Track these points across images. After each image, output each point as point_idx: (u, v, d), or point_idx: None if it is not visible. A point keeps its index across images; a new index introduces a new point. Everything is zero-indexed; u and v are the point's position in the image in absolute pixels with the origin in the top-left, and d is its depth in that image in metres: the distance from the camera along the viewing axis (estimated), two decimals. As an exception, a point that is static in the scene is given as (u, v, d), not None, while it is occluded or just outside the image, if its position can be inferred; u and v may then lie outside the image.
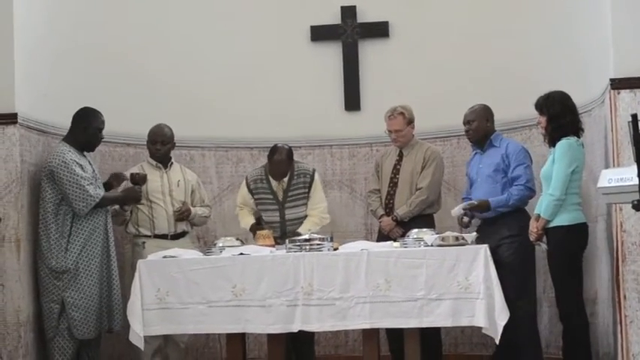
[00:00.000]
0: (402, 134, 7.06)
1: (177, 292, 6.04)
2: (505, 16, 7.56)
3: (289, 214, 7.05)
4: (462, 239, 6.01)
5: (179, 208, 7.04)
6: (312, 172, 7.15)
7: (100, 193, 6.52)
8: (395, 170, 7.12)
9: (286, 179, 7.05)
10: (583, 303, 6.19)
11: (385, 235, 6.97)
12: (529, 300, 6.51)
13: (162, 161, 7.14)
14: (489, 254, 5.87)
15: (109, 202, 6.66)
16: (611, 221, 6.05)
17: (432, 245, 6.00)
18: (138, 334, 5.99)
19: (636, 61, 5.91)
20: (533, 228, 6.21)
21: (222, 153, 7.96)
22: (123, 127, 7.36)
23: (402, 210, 6.96)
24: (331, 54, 8.02)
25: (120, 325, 6.54)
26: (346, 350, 7.70)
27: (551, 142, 6.21)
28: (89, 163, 6.66)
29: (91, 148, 6.73)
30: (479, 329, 5.95)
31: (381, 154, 7.40)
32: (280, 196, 7.06)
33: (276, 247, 6.40)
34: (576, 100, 6.38)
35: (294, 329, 5.98)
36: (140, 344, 6.04)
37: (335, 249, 6.16)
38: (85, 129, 6.61)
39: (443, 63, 7.80)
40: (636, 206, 4.57)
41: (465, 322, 5.87)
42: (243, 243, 6.51)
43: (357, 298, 5.90)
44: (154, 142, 7.11)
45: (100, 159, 7.22)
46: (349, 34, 7.98)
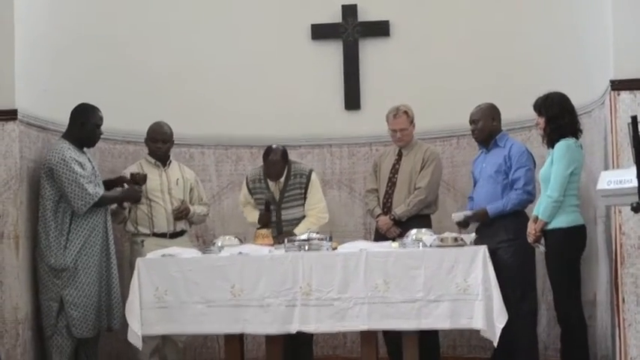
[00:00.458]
0: (406, 133, 7.06)
1: (175, 291, 6.03)
2: (506, 17, 7.56)
3: (285, 214, 7.03)
4: (461, 240, 6.00)
5: (178, 206, 7.03)
6: (309, 173, 7.13)
7: (99, 191, 6.51)
8: (394, 170, 7.11)
9: (282, 180, 7.04)
10: (581, 305, 6.17)
11: (382, 235, 6.96)
12: (529, 303, 6.50)
13: (162, 159, 7.13)
14: (488, 255, 5.86)
15: (108, 202, 6.65)
16: (610, 223, 6.04)
17: (430, 246, 5.99)
18: (136, 333, 5.98)
19: (636, 63, 5.90)
20: (531, 230, 6.20)
21: (222, 151, 7.96)
22: (123, 124, 7.35)
23: (400, 209, 6.95)
24: (332, 53, 8.01)
25: (119, 324, 6.53)
26: (344, 351, 7.69)
27: (550, 144, 6.20)
28: (89, 160, 6.64)
29: (90, 144, 6.71)
30: (477, 331, 5.95)
31: (380, 154, 7.40)
32: (276, 197, 7.05)
33: (275, 247, 6.39)
34: (576, 101, 6.37)
35: (292, 330, 5.97)
36: (138, 343, 6.04)
37: (334, 248, 6.15)
38: (83, 125, 6.60)
39: (443, 63, 7.80)
40: (635, 208, 4.55)
41: (464, 323, 5.86)
42: (242, 242, 6.51)
43: (356, 298, 5.90)
44: (154, 140, 7.10)
45: (100, 156, 7.21)
46: (350, 32, 7.97)
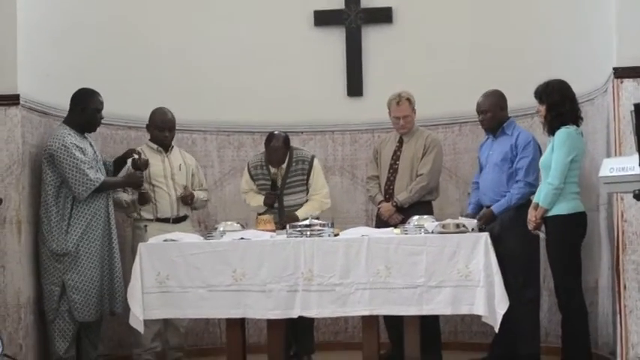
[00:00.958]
0: (409, 120, 7.05)
1: (177, 276, 6.04)
2: (509, 5, 7.55)
3: (287, 200, 7.04)
4: (463, 227, 6.00)
5: (183, 193, 7.04)
6: (311, 159, 7.13)
7: (100, 177, 6.51)
8: (395, 157, 7.11)
9: (284, 166, 7.05)
10: (582, 292, 6.18)
11: (384, 221, 6.96)
12: (532, 289, 6.51)
13: (164, 145, 7.13)
14: (490, 242, 5.86)
15: (109, 187, 6.65)
16: (612, 211, 6.04)
17: (432, 232, 6.00)
18: (138, 317, 5.99)
19: (639, 50, 5.91)
20: (531, 217, 6.20)
21: (224, 137, 7.96)
22: (125, 109, 7.34)
23: (402, 196, 6.95)
24: (334, 39, 8.00)
25: (122, 308, 6.53)
26: (346, 337, 7.72)
27: (551, 131, 6.20)
28: (90, 144, 6.64)
29: (91, 129, 6.71)
30: (478, 317, 5.95)
31: (380, 140, 7.39)
32: (278, 183, 7.05)
33: (277, 232, 6.39)
34: (579, 89, 6.37)
35: (294, 315, 5.98)
36: (140, 328, 6.05)
37: (336, 235, 6.15)
38: (83, 110, 6.59)
39: (446, 49, 7.80)
40: (637, 196, 4.56)
41: (465, 310, 5.86)
42: (243, 227, 6.52)
43: (357, 284, 5.90)
44: (161, 129, 7.08)
45: (102, 141, 7.20)
46: (353, 19, 7.97)
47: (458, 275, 5.83)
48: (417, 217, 6.27)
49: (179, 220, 7.04)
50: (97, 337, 6.69)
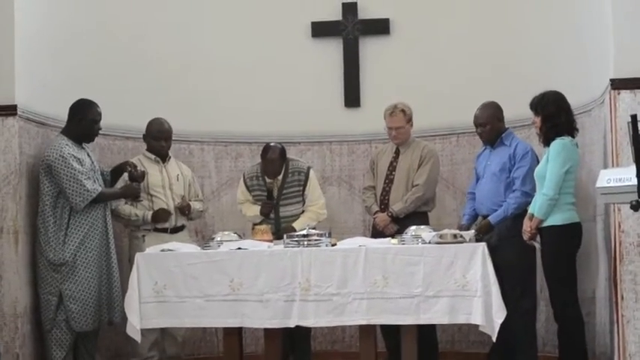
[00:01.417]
0: (402, 131, 7.07)
1: (174, 285, 6.04)
2: (506, 16, 7.56)
3: (283, 211, 7.05)
4: (460, 237, 6.01)
5: (180, 203, 7.05)
6: (307, 170, 7.15)
7: (98, 188, 6.51)
8: (391, 167, 7.12)
9: (280, 177, 7.05)
10: (577, 302, 6.19)
11: (379, 232, 6.97)
12: (529, 299, 6.52)
13: (162, 155, 7.14)
14: (487, 252, 5.87)
15: (107, 198, 6.65)
16: (609, 221, 6.05)
17: (429, 242, 6.00)
18: (135, 326, 5.99)
19: (637, 62, 5.91)
20: (526, 227, 6.22)
21: (222, 148, 7.96)
22: (122, 120, 7.35)
23: (398, 206, 6.96)
24: (332, 50, 8.01)
25: (120, 318, 6.52)
26: (343, 346, 7.71)
27: (546, 142, 6.22)
28: (88, 155, 6.65)
29: (89, 139, 6.71)
30: (476, 327, 5.96)
31: (377, 151, 7.41)
32: (274, 193, 7.06)
33: (274, 242, 6.40)
34: (576, 100, 6.38)
35: (291, 324, 5.98)
36: (137, 337, 6.05)
37: (333, 245, 6.16)
38: (81, 120, 6.60)
39: (443, 60, 7.81)
40: (634, 207, 4.57)
41: (462, 319, 5.87)
42: (241, 237, 6.51)
43: (355, 294, 5.90)
44: (157, 138, 7.10)
45: (99, 152, 7.20)
46: (350, 30, 7.98)
47: (455, 285, 5.83)
48: (414, 228, 6.27)
49: (177, 230, 7.04)
50: (93, 346, 6.68)
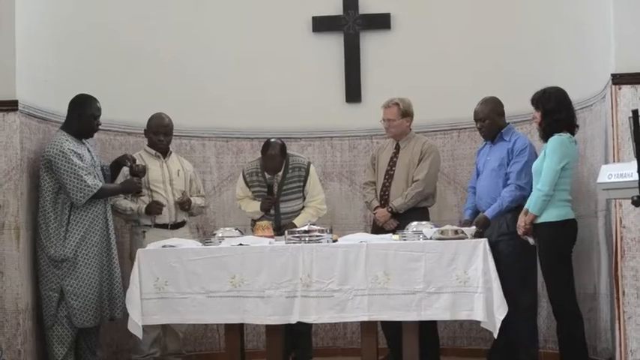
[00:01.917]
0: (394, 124, 7.04)
1: (176, 281, 6.04)
2: (507, 11, 7.55)
3: (284, 207, 7.04)
4: (461, 233, 6.01)
5: (180, 198, 7.04)
6: (308, 166, 7.14)
7: (98, 183, 6.51)
8: (391, 163, 7.11)
9: (281, 173, 7.05)
10: (575, 298, 6.19)
11: (379, 227, 6.97)
12: (530, 296, 6.51)
13: (162, 151, 7.13)
14: (488, 248, 5.87)
15: (107, 194, 6.64)
16: (611, 217, 6.05)
17: (431, 238, 6.00)
18: (137, 323, 5.99)
19: (638, 57, 5.92)
20: (520, 222, 6.21)
21: (223, 143, 7.96)
22: (123, 115, 7.35)
23: (398, 202, 6.96)
24: (333, 45, 8.00)
25: (122, 314, 6.52)
26: (344, 342, 7.71)
27: (545, 138, 6.21)
28: (88, 150, 6.64)
29: (88, 134, 6.70)
30: (477, 323, 5.96)
31: (378, 147, 7.41)
32: (275, 189, 7.05)
33: (275, 239, 6.40)
34: (577, 95, 6.38)
35: (292, 321, 5.98)
36: (139, 333, 6.05)
37: (334, 241, 6.15)
38: (80, 116, 6.59)
39: (444, 55, 7.80)
40: (636, 202, 4.56)
41: (464, 315, 5.88)
42: (242, 233, 6.51)
43: (356, 290, 5.91)
44: (156, 133, 7.10)
45: (101, 147, 7.21)
46: (351, 25, 7.97)
47: (456, 281, 5.83)
48: (415, 223, 6.27)
49: (177, 226, 7.04)
50: (95, 343, 6.68)
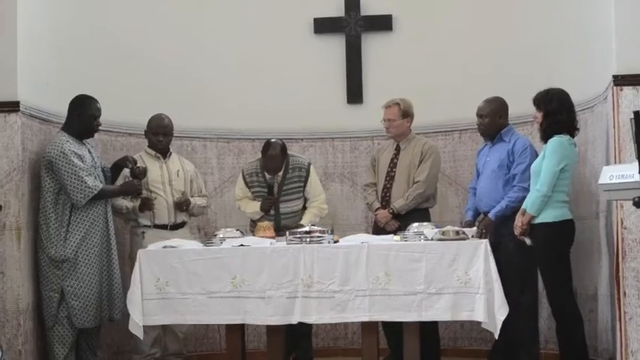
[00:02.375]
0: (394, 124, 7.05)
1: (176, 282, 6.03)
2: (509, 12, 7.55)
3: (283, 207, 7.04)
4: (463, 234, 6.01)
5: (179, 198, 7.04)
6: (308, 166, 7.14)
7: (99, 185, 6.51)
8: (392, 164, 7.12)
9: (281, 173, 7.05)
10: (574, 298, 6.19)
11: (381, 228, 6.97)
12: (531, 296, 6.51)
13: (162, 151, 7.14)
14: (489, 249, 5.86)
15: (107, 195, 6.64)
16: (612, 218, 6.04)
17: (432, 239, 6.00)
18: (137, 323, 5.99)
19: (639, 58, 5.90)
20: (518, 222, 6.21)
21: (224, 144, 7.96)
22: (124, 116, 7.36)
23: (399, 203, 6.96)
24: (334, 46, 8.01)
25: (121, 314, 6.53)
26: (345, 343, 7.71)
27: (545, 138, 6.21)
28: (89, 151, 6.64)
29: (88, 135, 6.70)
30: (478, 324, 5.96)
31: (378, 148, 7.41)
32: (275, 189, 7.05)
33: (276, 239, 6.40)
34: (579, 96, 6.37)
35: (293, 321, 5.98)
36: (140, 334, 6.05)
37: (335, 241, 6.15)
38: (80, 116, 6.59)
39: (446, 57, 7.80)
40: (637, 203, 4.56)
41: (465, 316, 5.87)
42: (243, 234, 6.51)
43: (357, 291, 5.90)
44: (155, 133, 7.10)
45: (102, 148, 7.21)
46: (352, 26, 7.97)
47: (457, 282, 5.83)
48: (416, 224, 6.27)
49: (177, 227, 7.04)
50: (96, 343, 6.69)
